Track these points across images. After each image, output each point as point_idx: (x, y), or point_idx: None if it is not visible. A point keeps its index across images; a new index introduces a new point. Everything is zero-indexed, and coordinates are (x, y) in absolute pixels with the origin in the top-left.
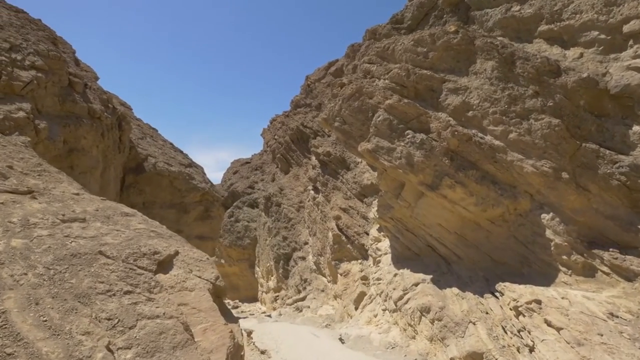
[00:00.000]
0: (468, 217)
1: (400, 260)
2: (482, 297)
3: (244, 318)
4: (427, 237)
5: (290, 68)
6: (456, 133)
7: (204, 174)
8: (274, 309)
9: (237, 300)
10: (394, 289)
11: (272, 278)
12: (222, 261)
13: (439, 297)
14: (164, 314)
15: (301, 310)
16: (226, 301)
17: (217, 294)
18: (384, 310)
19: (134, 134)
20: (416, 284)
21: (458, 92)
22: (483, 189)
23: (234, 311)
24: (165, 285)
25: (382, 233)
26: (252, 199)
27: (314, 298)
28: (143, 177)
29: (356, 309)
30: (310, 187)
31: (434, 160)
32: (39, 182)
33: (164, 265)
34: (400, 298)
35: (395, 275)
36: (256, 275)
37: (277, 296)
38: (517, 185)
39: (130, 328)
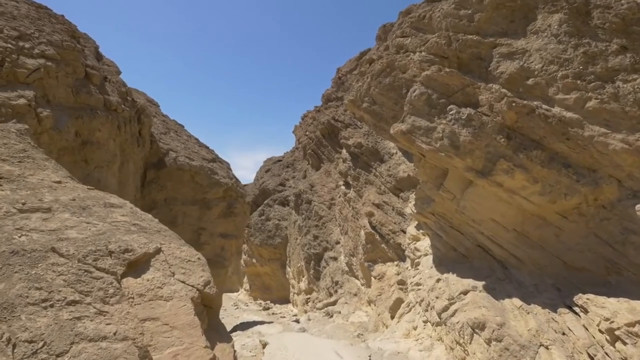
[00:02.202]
0: (531, 210)
1: (444, 262)
2: (555, 312)
3: (269, 323)
4: (477, 235)
5: (327, 64)
6: (514, 105)
7: (229, 169)
8: (305, 311)
9: (268, 302)
10: (437, 298)
11: (303, 279)
12: (254, 260)
13: (495, 310)
14: (114, 333)
15: (331, 316)
16: (258, 302)
17: (209, 304)
18: (425, 322)
19: (157, 128)
20: (465, 293)
21: (514, 57)
22: (551, 173)
23: (264, 313)
24: (130, 293)
25: (421, 231)
26: (283, 196)
27: (346, 303)
28: (164, 172)
29: (392, 317)
30: (341, 183)
31: (485, 140)
32: (16, 168)
33: (137, 267)
34: (446, 309)
35: (438, 280)
36: (287, 276)
37: (308, 298)
38: (598, 168)
39: (57, 356)
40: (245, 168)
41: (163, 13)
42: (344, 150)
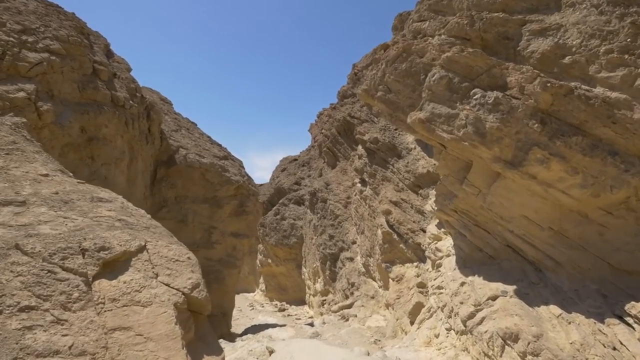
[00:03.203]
0: (570, 206)
1: (469, 264)
2: (602, 322)
3: (281, 326)
4: (505, 234)
5: (347, 63)
6: (549, 85)
7: (242, 167)
8: (321, 314)
9: (284, 303)
10: (462, 303)
11: (318, 280)
12: (269, 261)
13: (530, 319)
14: (70, 347)
15: (347, 320)
16: (273, 302)
17: (197, 310)
18: (448, 329)
19: (169, 125)
20: (493, 298)
21: (546, 33)
22: (594, 163)
23: (279, 314)
24: (101, 298)
25: (442, 230)
26: (298, 195)
27: (362, 305)
28: (174, 169)
29: (411, 323)
30: (357, 180)
31: (515, 126)
32: (0, 160)
33: (114, 267)
34: (472, 316)
35: (462, 284)
36: (303, 277)
37: (324, 300)
38: None
39: None
40: (264, 169)
41: (189, 14)
42: (359, 147)
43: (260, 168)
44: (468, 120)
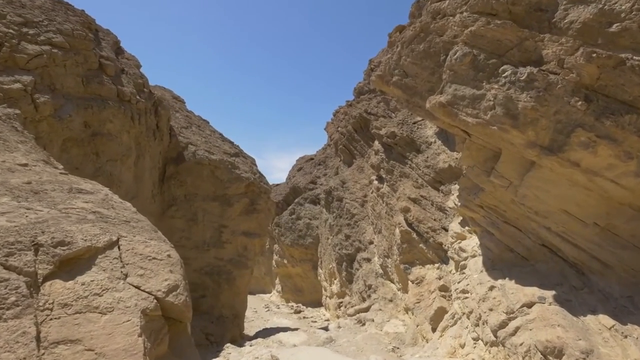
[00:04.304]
0: (621, 198)
1: (498, 266)
2: None
3: (293, 330)
4: (541, 231)
5: (363, 63)
6: (595, 56)
7: (254, 165)
8: (338, 317)
9: (300, 304)
10: (491, 310)
11: (334, 281)
12: (285, 261)
13: (576, 331)
14: None
15: (364, 324)
16: (289, 304)
17: (177, 317)
18: (475, 339)
19: (179, 122)
20: (529, 305)
21: (588, 0)
22: None
23: (295, 316)
24: (48, 303)
25: (466, 228)
26: (314, 194)
27: (380, 309)
28: (183, 167)
29: (433, 330)
30: (373, 177)
31: (553, 105)
32: None
33: (74, 266)
34: (503, 325)
35: (491, 288)
36: (319, 278)
37: (341, 303)
38: None
39: None
40: (283, 170)
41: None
42: (376, 142)
43: (280, 169)
44: (497, 101)
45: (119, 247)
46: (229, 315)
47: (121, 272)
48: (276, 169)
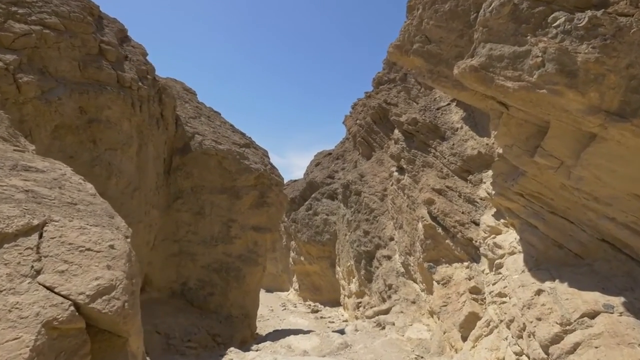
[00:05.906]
0: None
1: (544, 265)
2: None
3: (306, 333)
4: (601, 223)
5: (383, 56)
6: None
7: (265, 156)
8: (356, 317)
9: (318, 304)
10: (539, 320)
11: (353, 280)
12: (302, 258)
13: None
14: None
15: (384, 327)
16: (307, 303)
17: (111, 328)
18: (518, 354)
19: (187, 112)
20: (592, 315)
21: None
22: None
23: (312, 316)
24: None
25: (502, 221)
26: (331, 189)
27: (401, 312)
28: (189, 157)
29: (464, 339)
30: (393, 168)
31: (626, 55)
32: None
33: None
34: (557, 339)
35: (538, 292)
36: (337, 276)
37: (360, 303)
38: None
39: None
40: (303, 168)
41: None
42: (395, 131)
43: (300, 167)
44: (546, 57)
45: (40, 234)
46: (238, 315)
47: (32, 267)
48: (297, 167)
